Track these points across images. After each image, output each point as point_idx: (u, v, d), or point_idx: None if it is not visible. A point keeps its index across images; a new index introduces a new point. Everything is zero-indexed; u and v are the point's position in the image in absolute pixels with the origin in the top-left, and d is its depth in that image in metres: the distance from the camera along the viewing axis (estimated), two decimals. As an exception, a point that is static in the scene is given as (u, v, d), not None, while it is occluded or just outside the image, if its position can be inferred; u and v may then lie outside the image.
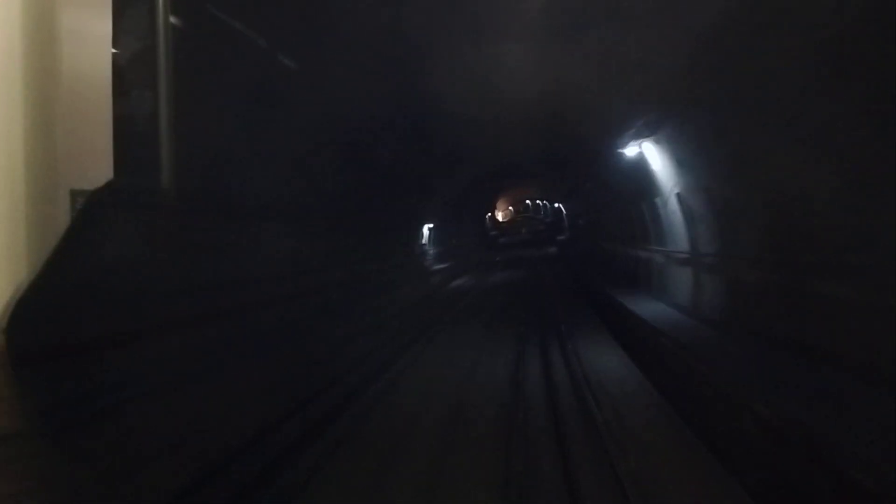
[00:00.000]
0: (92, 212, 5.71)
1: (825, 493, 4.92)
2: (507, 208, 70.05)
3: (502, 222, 67.66)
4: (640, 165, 14.16)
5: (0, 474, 4.18)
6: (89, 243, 5.97)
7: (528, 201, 68.86)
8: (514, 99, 13.44)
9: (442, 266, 30.35)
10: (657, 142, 12.42)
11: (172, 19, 6.99)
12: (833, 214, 6.73)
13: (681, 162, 11.64)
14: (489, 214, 56.04)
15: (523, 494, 6.05)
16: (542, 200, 63.88)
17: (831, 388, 6.47)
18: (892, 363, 5.54)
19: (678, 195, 12.40)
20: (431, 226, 28.60)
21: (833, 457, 4.95)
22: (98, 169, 6.00)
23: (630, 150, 13.88)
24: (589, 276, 24.02)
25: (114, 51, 6.30)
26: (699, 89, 8.88)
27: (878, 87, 5.34)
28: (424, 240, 28.16)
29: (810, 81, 6.40)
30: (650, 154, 13.36)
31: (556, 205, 50.89)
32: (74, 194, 5.76)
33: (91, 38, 5.99)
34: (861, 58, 5.47)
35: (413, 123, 14.80)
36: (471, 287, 27.12)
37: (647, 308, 13.91)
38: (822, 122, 6.48)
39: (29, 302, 5.05)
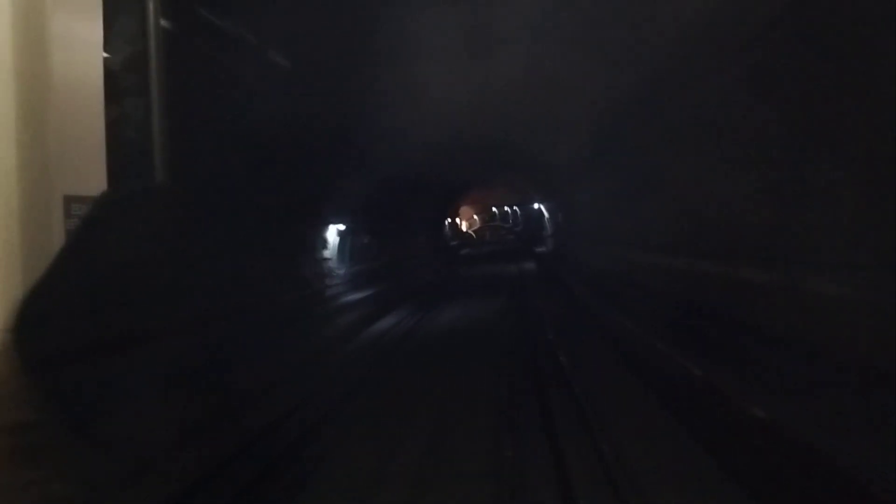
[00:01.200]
0: (97, 214, 5.66)
1: None
2: (472, 216, 62.94)
3: (466, 232, 59.16)
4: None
5: (23, 461, 4.20)
6: (95, 244, 5.93)
7: (494, 208, 61.25)
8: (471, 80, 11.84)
9: (363, 294, 17.07)
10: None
11: (163, 23, 6.96)
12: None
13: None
14: (448, 221, 45.95)
15: None
16: (511, 206, 55.64)
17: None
18: None
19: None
20: (342, 228, 16.82)
21: None
22: (91, 174, 5.97)
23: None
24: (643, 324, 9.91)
25: (105, 55, 6.28)
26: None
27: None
28: (333, 252, 16.36)
29: None
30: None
31: (536, 205, 41.80)
32: (68, 200, 5.73)
33: (82, 43, 5.95)
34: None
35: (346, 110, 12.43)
36: (404, 336, 13.44)
37: None
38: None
39: (39, 301, 5.04)
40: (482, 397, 8.07)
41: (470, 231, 62.03)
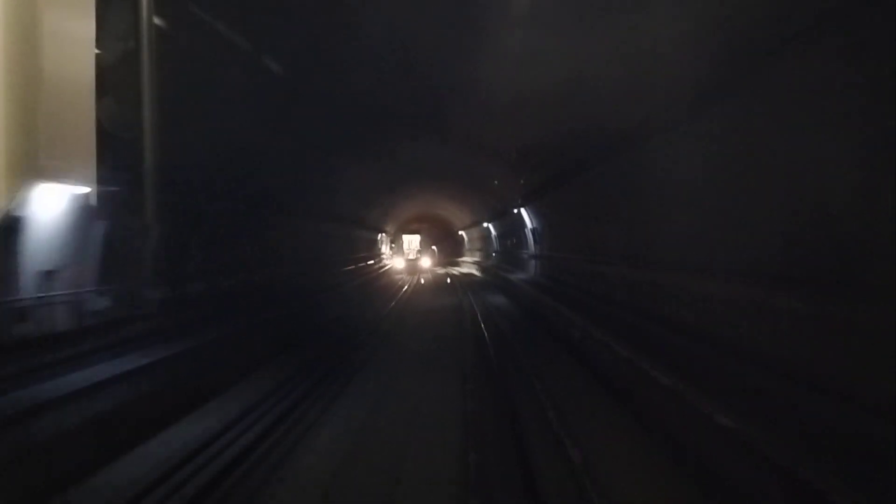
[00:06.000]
0: None
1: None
2: (431, 246, 40.49)
3: (398, 261, 38.31)
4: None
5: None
6: None
7: (462, 232, 39.52)
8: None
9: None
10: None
11: (156, 20, 7.03)
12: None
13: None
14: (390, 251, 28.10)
15: None
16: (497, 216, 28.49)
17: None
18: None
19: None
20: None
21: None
22: (81, 169, 6.06)
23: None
24: None
25: (97, 51, 6.35)
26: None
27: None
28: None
29: None
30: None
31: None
32: (58, 195, 5.81)
33: (74, 40, 6.02)
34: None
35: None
36: None
37: None
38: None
39: None
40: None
41: (408, 264, 37.60)
